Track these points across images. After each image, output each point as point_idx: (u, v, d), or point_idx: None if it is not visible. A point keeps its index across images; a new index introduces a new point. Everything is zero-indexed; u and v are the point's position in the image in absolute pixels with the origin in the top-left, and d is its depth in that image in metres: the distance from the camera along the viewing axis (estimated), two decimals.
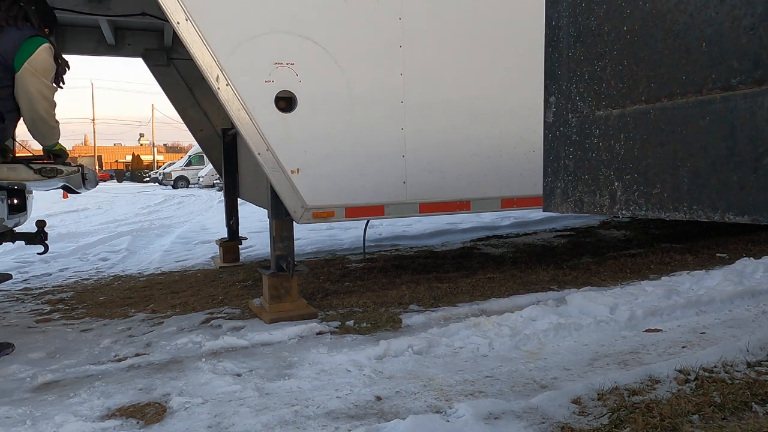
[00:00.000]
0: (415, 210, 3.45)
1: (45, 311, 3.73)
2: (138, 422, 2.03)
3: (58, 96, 2.87)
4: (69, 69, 3.02)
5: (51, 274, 5.18)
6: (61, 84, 3.00)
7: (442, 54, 3.39)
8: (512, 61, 3.56)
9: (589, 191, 0.94)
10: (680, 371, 2.21)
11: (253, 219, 7.86)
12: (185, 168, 29.27)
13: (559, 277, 4.06)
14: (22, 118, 2.82)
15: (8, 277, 3.67)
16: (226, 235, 5.47)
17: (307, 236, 6.68)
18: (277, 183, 3.06)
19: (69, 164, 3.00)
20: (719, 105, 0.71)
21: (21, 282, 4.82)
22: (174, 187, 27.54)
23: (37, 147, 3.16)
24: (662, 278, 3.74)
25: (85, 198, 16.73)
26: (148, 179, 37.44)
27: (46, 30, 2.90)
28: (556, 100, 0.99)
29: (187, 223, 9.50)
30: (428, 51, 3.36)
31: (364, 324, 3.10)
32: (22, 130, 3.08)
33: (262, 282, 3.46)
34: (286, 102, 3.07)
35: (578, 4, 0.93)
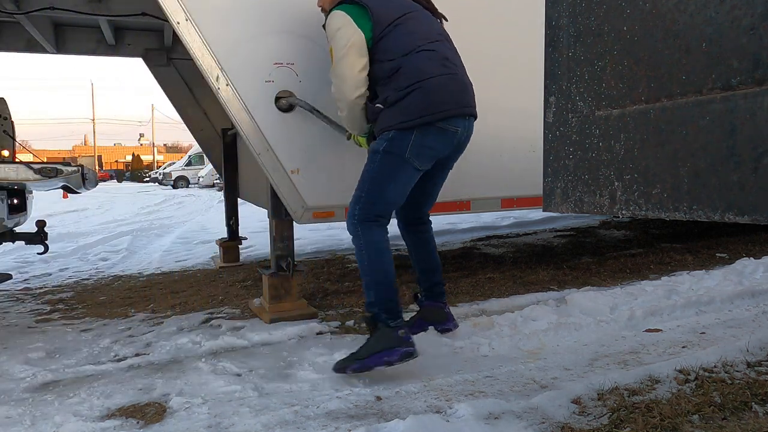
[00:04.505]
0: None
1: (45, 311, 3.73)
2: (138, 422, 2.03)
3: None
4: None
5: (51, 274, 5.18)
6: None
7: None
8: (512, 60, 3.55)
9: (589, 191, 0.94)
10: (680, 371, 2.21)
11: (253, 219, 7.85)
12: (185, 168, 29.34)
13: (559, 277, 4.06)
14: None
15: (8, 277, 3.67)
16: (226, 235, 5.46)
17: (307, 236, 6.68)
18: (277, 183, 3.06)
19: (69, 164, 3.01)
20: (719, 105, 0.71)
21: (21, 282, 4.82)
22: (174, 187, 27.59)
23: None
24: (662, 278, 3.74)
25: (85, 198, 16.72)
26: (148, 179, 37.49)
27: None
28: (556, 100, 0.99)
29: (187, 223, 9.50)
30: None
31: (364, 324, 3.09)
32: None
33: (262, 282, 3.46)
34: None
35: (578, 4, 0.93)
